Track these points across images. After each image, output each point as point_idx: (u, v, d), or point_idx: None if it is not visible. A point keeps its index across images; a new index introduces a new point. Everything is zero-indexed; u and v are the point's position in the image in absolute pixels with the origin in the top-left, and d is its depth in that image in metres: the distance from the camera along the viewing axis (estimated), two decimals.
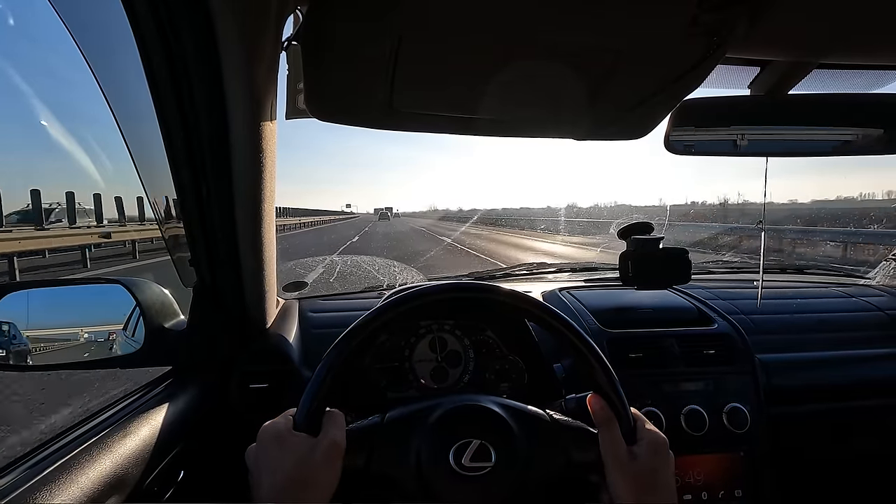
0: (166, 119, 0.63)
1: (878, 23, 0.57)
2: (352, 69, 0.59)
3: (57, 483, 0.46)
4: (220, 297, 0.80)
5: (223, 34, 0.55)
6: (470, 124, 0.74)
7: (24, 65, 68.57)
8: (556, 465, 0.53)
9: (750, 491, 0.88)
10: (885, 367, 1.02)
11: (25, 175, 56.56)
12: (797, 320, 1.11)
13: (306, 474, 0.47)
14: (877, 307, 1.17)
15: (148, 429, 0.60)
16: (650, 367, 0.91)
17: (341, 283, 2.07)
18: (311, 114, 0.69)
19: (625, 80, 0.63)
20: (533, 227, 19.69)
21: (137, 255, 10.40)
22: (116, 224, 11.88)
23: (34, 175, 61.88)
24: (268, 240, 0.80)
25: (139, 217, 12.25)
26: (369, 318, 0.56)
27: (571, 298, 1.08)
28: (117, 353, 0.80)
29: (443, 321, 0.91)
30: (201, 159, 0.67)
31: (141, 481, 0.57)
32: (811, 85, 0.72)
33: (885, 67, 0.71)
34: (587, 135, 0.82)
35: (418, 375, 0.88)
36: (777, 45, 0.62)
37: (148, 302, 0.79)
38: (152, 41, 0.57)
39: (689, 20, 0.49)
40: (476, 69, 0.60)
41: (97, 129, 24.38)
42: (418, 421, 0.54)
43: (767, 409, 0.90)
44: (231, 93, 0.61)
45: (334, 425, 0.51)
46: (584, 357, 0.57)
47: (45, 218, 10.00)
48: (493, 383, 0.88)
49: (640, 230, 0.97)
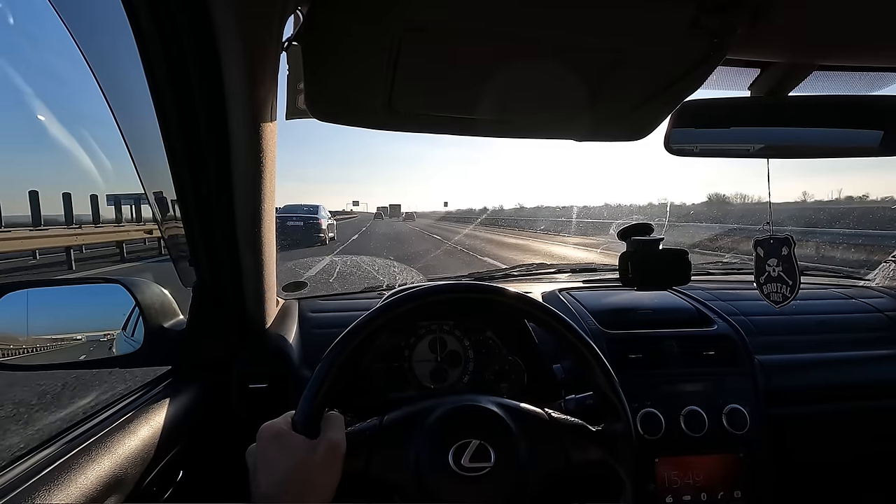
0: (166, 119, 0.63)
1: (878, 24, 0.57)
2: (352, 69, 0.59)
3: (56, 483, 0.46)
4: (219, 297, 0.80)
5: (223, 34, 0.55)
6: (470, 125, 0.74)
7: (23, 64, 68.67)
8: (555, 465, 0.53)
9: (749, 492, 0.88)
10: (884, 369, 1.02)
11: (23, 175, 56.60)
12: (797, 322, 1.11)
13: (306, 475, 0.47)
14: (876, 309, 1.17)
15: (147, 429, 0.60)
16: (650, 367, 0.91)
17: (341, 283, 2.07)
18: (312, 114, 0.69)
19: (625, 82, 0.63)
20: (559, 228, 18.25)
21: (125, 256, 10.07)
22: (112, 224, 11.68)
23: (33, 175, 61.90)
24: (267, 240, 0.80)
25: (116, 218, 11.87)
26: (369, 318, 0.56)
27: (571, 299, 1.08)
28: (117, 353, 0.80)
29: (442, 321, 0.91)
30: (201, 159, 0.67)
31: (140, 481, 0.57)
32: (811, 86, 0.72)
33: (886, 69, 0.71)
34: (587, 136, 0.82)
35: (418, 376, 0.88)
36: (777, 46, 0.62)
37: (147, 302, 0.79)
38: (152, 41, 0.57)
39: (690, 21, 0.50)
40: (476, 70, 0.60)
41: (96, 129, 24.39)
42: (417, 422, 0.54)
43: (767, 410, 0.90)
44: (231, 93, 0.61)
45: (334, 427, 0.51)
46: (583, 358, 0.57)
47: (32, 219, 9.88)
48: (493, 384, 0.88)
49: (640, 231, 0.97)
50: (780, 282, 0.82)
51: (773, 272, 0.83)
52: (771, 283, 0.83)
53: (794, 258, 0.79)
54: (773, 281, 0.83)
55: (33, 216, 9.86)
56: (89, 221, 11.27)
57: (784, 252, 0.80)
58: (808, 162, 0.81)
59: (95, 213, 11.52)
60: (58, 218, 11.22)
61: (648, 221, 0.97)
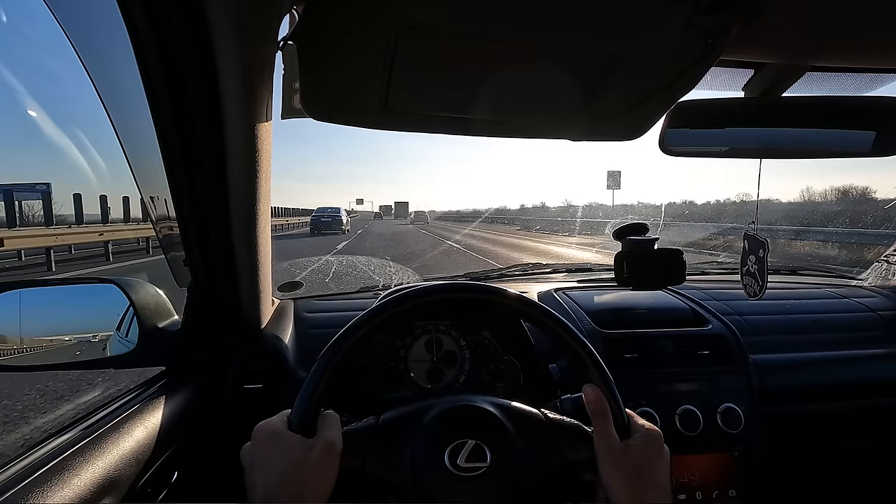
0: (161, 119, 0.63)
1: (871, 26, 0.58)
2: (348, 69, 0.59)
3: (50, 484, 0.46)
4: (214, 297, 0.79)
5: (218, 33, 0.55)
6: (465, 124, 0.74)
7: (17, 64, 68.12)
8: (551, 465, 0.53)
9: (744, 490, 0.88)
10: (877, 368, 1.03)
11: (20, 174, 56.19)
12: (790, 321, 1.12)
13: (303, 475, 0.47)
14: (869, 308, 1.18)
15: (142, 430, 0.60)
16: (645, 367, 0.92)
17: (337, 283, 2.07)
18: (307, 114, 0.69)
19: (620, 82, 0.63)
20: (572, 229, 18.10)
21: (111, 258, 9.84)
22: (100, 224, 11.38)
23: (30, 174, 61.46)
24: (263, 240, 0.79)
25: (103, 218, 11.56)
26: (365, 318, 0.56)
27: (567, 299, 1.09)
28: (111, 354, 0.80)
29: (438, 322, 0.91)
30: (196, 159, 0.66)
31: (135, 482, 0.56)
32: (805, 87, 0.72)
33: (879, 70, 0.71)
34: (582, 136, 0.82)
35: (414, 376, 0.88)
36: (771, 47, 0.62)
37: (142, 302, 0.78)
38: (147, 40, 0.57)
39: (684, 22, 0.50)
40: (472, 69, 0.60)
41: (90, 129, 24.21)
42: (413, 422, 0.54)
43: (761, 409, 0.91)
44: (226, 92, 0.61)
45: (330, 426, 0.51)
46: (579, 357, 0.57)
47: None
48: (489, 383, 0.89)
49: (636, 231, 0.98)
50: (754, 278, 0.89)
51: (751, 267, 0.89)
52: (748, 276, 0.91)
53: (766, 262, 0.86)
54: (749, 275, 0.90)
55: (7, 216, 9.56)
56: (96, 221, 11.01)
57: (760, 254, 0.87)
58: (806, 161, 0.82)
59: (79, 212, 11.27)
60: (68, 218, 11.00)
61: (643, 221, 0.98)
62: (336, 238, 15.18)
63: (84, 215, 11.06)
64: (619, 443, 0.52)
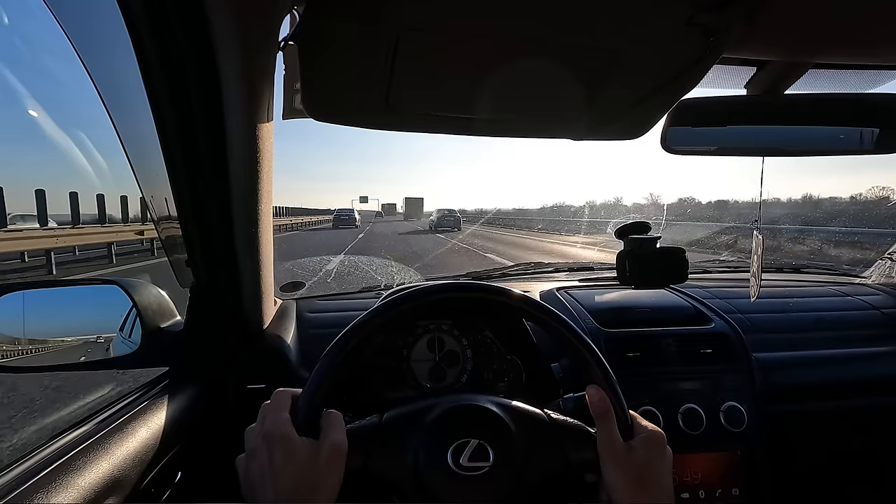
0: (162, 119, 0.63)
1: (873, 23, 0.57)
2: (349, 69, 0.59)
3: (54, 484, 0.46)
4: (216, 297, 0.79)
5: (219, 34, 0.55)
6: (467, 124, 0.74)
7: (17, 64, 68.32)
8: (553, 465, 0.53)
9: (747, 489, 0.88)
10: (881, 366, 1.02)
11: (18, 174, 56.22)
12: (793, 319, 1.11)
13: (311, 479, 0.47)
14: (872, 306, 1.18)
15: (145, 430, 0.60)
16: (648, 366, 0.91)
17: (339, 283, 2.07)
18: (309, 114, 0.69)
19: (622, 80, 0.63)
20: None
21: (114, 260, 9.63)
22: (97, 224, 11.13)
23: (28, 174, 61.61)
24: (265, 240, 0.79)
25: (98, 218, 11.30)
26: (367, 318, 0.56)
27: (569, 298, 1.09)
28: (114, 355, 0.80)
29: (441, 321, 0.91)
30: (198, 159, 0.66)
31: (138, 483, 0.56)
32: (807, 85, 0.72)
33: (881, 67, 0.71)
34: (584, 134, 0.82)
35: (416, 375, 0.88)
36: (773, 45, 0.62)
37: (144, 303, 0.78)
38: (148, 40, 0.57)
39: (686, 20, 0.50)
40: (473, 69, 0.60)
41: (91, 129, 24.28)
42: (416, 421, 0.54)
43: (764, 407, 0.91)
44: (228, 93, 0.61)
45: (334, 427, 0.51)
46: (581, 356, 0.57)
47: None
48: (491, 383, 0.88)
49: (638, 230, 0.98)
50: (755, 276, 0.96)
51: (755, 266, 0.95)
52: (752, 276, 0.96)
53: (759, 261, 0.94)
54: (752, 275, 0.96)
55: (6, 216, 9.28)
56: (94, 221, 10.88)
57: (758, 252, 0.93)
58: (808, 159, 0.84)
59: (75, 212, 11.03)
60: (64, 218, 10.89)
61: (646, 220, 0.98)
62: (352, 232, 18.45)
63: (81, 215, 10.91)
64: (622, 444, 0.52)
